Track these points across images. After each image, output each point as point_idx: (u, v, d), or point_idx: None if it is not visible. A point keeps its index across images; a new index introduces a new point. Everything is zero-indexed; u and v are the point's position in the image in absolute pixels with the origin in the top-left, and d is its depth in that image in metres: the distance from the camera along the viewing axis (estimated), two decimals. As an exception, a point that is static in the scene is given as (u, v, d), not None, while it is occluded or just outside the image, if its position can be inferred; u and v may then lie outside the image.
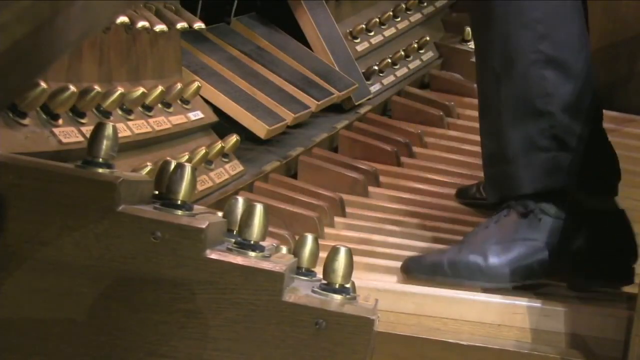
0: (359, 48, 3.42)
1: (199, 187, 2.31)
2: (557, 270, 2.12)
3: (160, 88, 2.24)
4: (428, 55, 3.70)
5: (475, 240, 2.14)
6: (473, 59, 3.63)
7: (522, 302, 2.04)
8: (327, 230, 2.48)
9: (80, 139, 1.93)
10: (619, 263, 2.14)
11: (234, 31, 2.99)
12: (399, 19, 3.67)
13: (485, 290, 2.08)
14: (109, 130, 1.41)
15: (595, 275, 2.13)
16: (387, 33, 3.58)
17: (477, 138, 3.10)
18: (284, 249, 1.60)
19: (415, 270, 2.14)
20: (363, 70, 3.34)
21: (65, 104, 1.90)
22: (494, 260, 2.09)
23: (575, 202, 2.11)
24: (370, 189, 2.78)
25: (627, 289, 2.22)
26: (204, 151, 2.32)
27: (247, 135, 2.65)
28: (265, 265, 1.37)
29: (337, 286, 1.42)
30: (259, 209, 1.43)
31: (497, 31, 2.17)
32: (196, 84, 2.44)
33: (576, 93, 2.14)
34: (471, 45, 3.68)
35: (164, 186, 1.45)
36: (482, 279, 2.09)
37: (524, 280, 2.10)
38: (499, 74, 2.17)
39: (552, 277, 2.15)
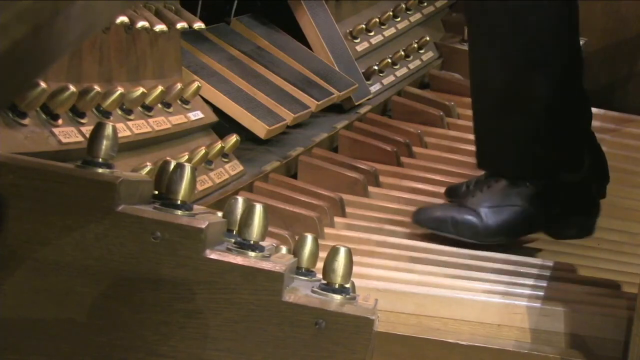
0: (359, 48, 3.42)
1: (199, 187, 2.31)
2: (536, 230, 2.53)
3: (160, 88, 2.24)
4: (428, 55, 3.70)
5: (472, 203, 2.50)
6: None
7: (522, 302, 2.04)
8: (327, 230, 2.48)
9: (80, 139, 1.93)
10: (585, 221, 2.57)
11: (234, 31, 2.99)
12: (399, 19, 3.67)
13: (478, 246, 2.42)
14: (108, 130, 1.41)
15: (567, 231, 2.56)
16: (387, 33, 3.58)
17: (477, 138, 3.12)
18: (284, 249, 1.60)
19: (423, 221, 2.51)
20: (363, 70, 3.34)
21: (65, 104, 1.90)
22: (487, 221, 2.46)
23: (553, 177, 2.50)
24: (370, 189, 2.78)
25: (627, 289, 2.22)
26: (203, 151, 2.32)
27: (247, 135, 2.65)
28: (265, 265, 1.37)
29: (336, 286, 1.42)
30: (258, 209, 1.43)
31: (491, 33, 2.46)
32: (196, 84, 2.44)
33: (561, 96, 2.45)
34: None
35: (164, 186, 1.45)
36: (477, 237, 2.46)
37: (510, 239, 2.50)
38: (492, 64, 2.47)
39: (532, 234, 2.56)
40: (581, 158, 2.54)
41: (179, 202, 1.40)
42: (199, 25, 2.48)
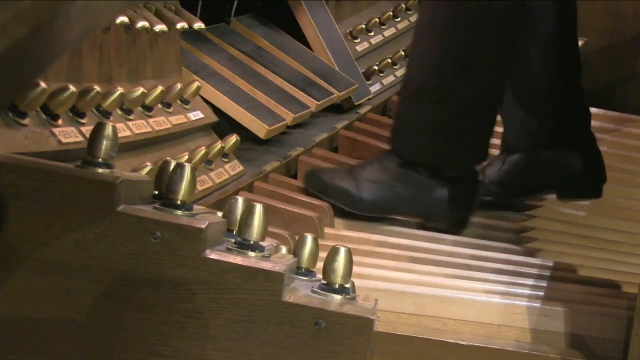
0: (359, 48, 3.42)
1: (199, 187, 2.31)
2: (410, 213, 2.59)
3: (160, 88, 2.24)
4: (428, 55, 3.70)
5: (358, 173, 2.59)
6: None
7: (522, 302, 2.04)
8: (327, 230, 2.48)
9: (80, 139, 1.93)
10: (458, 220, 2.62)
11: (234, 31, 2.99)
12: (399, 19, 3.67)
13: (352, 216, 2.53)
14: (108, 130, 1.41)
15: (441, 223, 2.59)
16: (387, 33, 3.58)
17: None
18: (284, 249, 1.60)
19: (310, 181, 2.60)
20: (363, 70, 3.34)
21: (65, 104, 1.90)
22: (364, 194, 2.55)
23: (437, 169, 2.56)
24: (370, 189, 2.78)
25: (627, 289, 2.22)
26: (204, 151, 2.32)
27: (247, 135, 2.64)
28: (265, 265, 1.37)
29: (336, 286, 1.42)
30: (258, 209, 1.43)
31: (430, 22, 2.54)
32: (196, 84, 2.44)
33: (477, 94, 2.52)
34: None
35: (163, 186, 1.45)
36: (350, 206, 2.55)
37: (382, 215, 2.57)
38: (421, 54, 2.56)
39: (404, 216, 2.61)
40: (474, 159, 2.61)
41: (179, 202, 1.40)
42: (199, 25, 2.48)
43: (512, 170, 2.79)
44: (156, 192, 1.50)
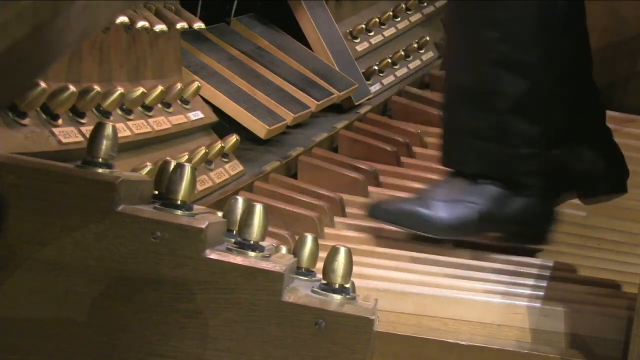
0: (359, 48, 3.42)
1: (199, 187, 2.31)
2: (488, 231, 2.47)
3: (160, 88, 2.24)
4: (428, 55, 3.70)
5: (429, 197, 2.45)
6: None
7: (522, 302, 2.04)
8: (327, 230, 2.48)
9: (80, 139, 1.93)
10: (538, 231, 2.51)
11: (234, 31, 2.99)
12: (399, 19, 3.67)
13: (428, 240, 2.40)
14: (108, 130, 1.41)
15: (521, 238, 2.50)
16: (387, 33, 3.58)
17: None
18: (284, 249, 1.60)
19: (376, 212, 2.46)
20: (363, 70, 3.34)
21: (65, 104, 1.90)
22: (441, 215, 2.40)
23: (510, 178, 2.44)
24: (370, 189, 2.78)
25: (627, 289, 2.22)
26: (203, 151, 2.32)
27: (247, 135, 2.64)
28: (265, 265, 1.37)
29: (336, 286, 1.42)
30: (258, 209, 1.43)
31: (465, 24, 2.44)
32: (196, 84, 2.44)
33: (529, 95, 2.40)
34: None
35: (163, 186, 1.45)
36: (429, 230, 2.40)
37: (461, 236, 2.44)
38: (462, 59, 2.45)
39: (485, 234, 2.50)
40: (544, 165, 2.48)
41: (179, 202, 1.40)
42: (199, 25, 2.48)
43: None
44: (156, 192, 1.50)
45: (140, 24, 2.22)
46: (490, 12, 2.38)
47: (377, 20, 3.52)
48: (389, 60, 3.45)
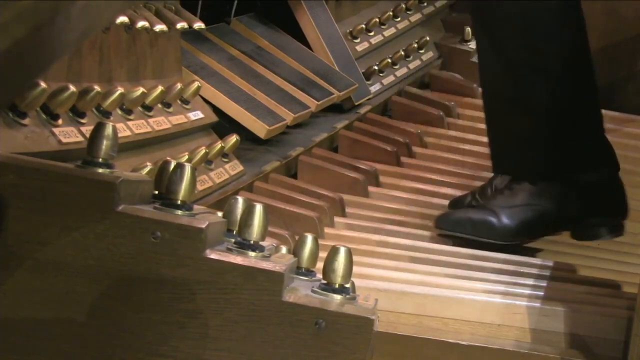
0: (359, 48, 3.42)
1: (199, 187, 2.31)
2: (557, 230, 2.54)
3: (160, 88, 2.24)
4: (428, 55, 3.70)
5: (491, 203, 2.52)
6: (473, 59, 3.65)
7: (522, 302, 2.04)
8: (327, 230, 2.48)
9: (80, 139, 1.93)
10: (608, 222, 2.55)
11: (234, 31, 2.99)
12: (399, 19, 3.67)
13: (496, 247, 2.43)
14: (108, 130, 1.41)
15: (592, 231, 2.54)
16: (387, 33, 3.58)
17: (477, 138, 3.12)
18: (284, 249, 1.60)
19: (441, 224, 2.51)
20: (363, 70, 3.33)
21: (65, 104, 1.90)
22: (505, 221, 2.47)
23: (572, 177, 2.50)
24: (370, 189, 2.78)
25: (627, 289, 2.22)
26: (204, 151, 2.32)
27: (247, 135, 2.64)
28: (265, 265, 1.37)
29: (336, 286, 1.42)
30: (258, 209, 1.43)
31: (490, 35, 2.49)
32: (196, 84, 2.44)
33: (559, 97, 2.46)
34: (471, 45, 3.68)
35: (163, 186, 1.45)
36: (496, 237, 2.47)
37: (528, 238, 2.51)
38: (497, 70, 2.50)
39: (551, 234, 2.56)
40: (595, 157, 2.54)
41: (179, 202, 1.40)
42: (199, 25, 2.48)
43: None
44: (156, 192, 1.50)
45: (140, 24, 2.22)
46: (514, 22, 2.43)
47: (377, 20, 3.52)
48: (389, 60, 3.45)
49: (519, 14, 2.42)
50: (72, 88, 1.89)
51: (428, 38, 3.70)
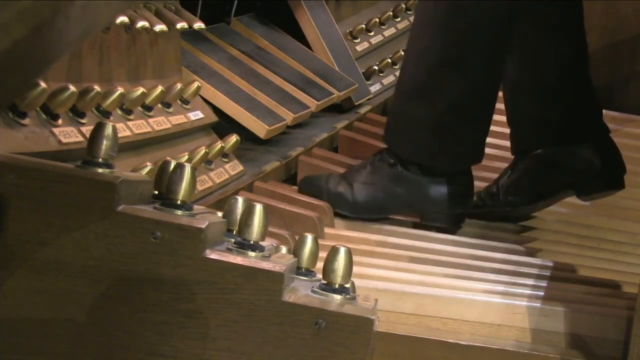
0: (359, 48, 3.42)
1: (199, 187, 2.31)
2: (406, 212, 2.60)
3: (160, 88, 2.24)
4: (428, 55, 3.70)
5: (351, 176, 2.60)
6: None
7: (522, 302, 2.04)
8: (327, 230, 2.48)
9: (80, 139, 1.93)
10: (453, 217, 2.61)
11: (234, 31, 2.99)
12: (399, 19, 3.67)
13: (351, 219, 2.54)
14: (108, 130, 1.41)
15: (436, 221, 2.60)
16: (387, 33, 3.59)
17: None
18: (284, 249, 1.60)
19: (305, 186, 2.61)
20: (363, 70, 3.34)
21: (65, 104, 1.90)
22: (359, 197, 2.56)
23: (429, 167, 2.57)
24: (370, 189, 2.78)
25: (627, 289, 2.22)
26: (204, 151, 2.32)
27: (247, 135, 2.65)
28: (265, 265, 1.37)
29: (336, 286, 1.42)
30: (258, 209, 1.43)
31: (425, 21, 2.54)
32: (196, 84, 2.44)
33: (468, 93, 2.52)
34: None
35: (163, 186, 1.45)
36: (346, 209, 2.57)
37: (376, 217, 2.58)
38: (417, 53, 2.55)
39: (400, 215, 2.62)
40: (470, 157, 2.60)
41: (179, 202, 1.40)
42: (199, 25, 2.48)
43: (526, 175, 2.68)
44: (156, 192, 1.50)
45: (140, 24, 2.22)
46: (448, 17, 2.48)
47: (377, 20, 3.52)
48: (389, 60, 3.45)
49: (456, 11, 2.47)
50: (72, 88, 1.89)
51: (428, 38, 3.69)
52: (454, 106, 2.52)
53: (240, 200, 1.53)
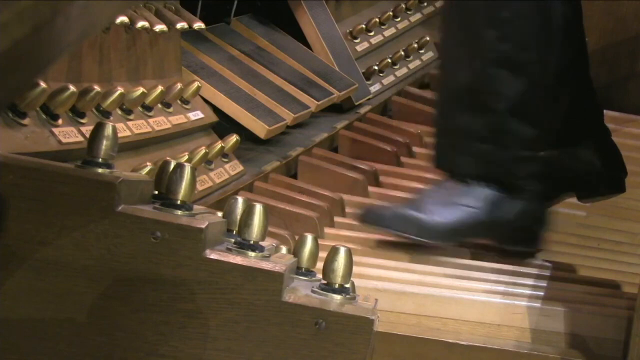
0: (359, 48, 3.42)
1: (199, 187, 2.31)
2: (485, 235, 2.42)
3: (160, 88, 2.24)
4: (428, 55, 3.70)
5: (421, 199, 2.40)
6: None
7: (522, 302, 2.04)
8: (327, 230, 2.48)
9: (80, 139, 1.93)
10: (534, 235, 2.46)
11: (234, 31, 2.99)
12: (399, 19, 3.67)
13: (421, 245, 2.34)
14: (108, 130, 1.41)
15: (517, 241, 2.44)
16: (387, 33, 3.58)
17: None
18: (284, 249, 1.60)
19: (369, 219, 2.40)
20: (363, 70, 3.34)
21: (65, 104, 1.90)
22: (435, 218, 2.33)
23: (510, 182, 2.39)
24: (370, 189, 2.78)
25: (627, 289, 2.22)
26: (203, 151, 2.32)
27: (247, 135, 2.65)
28: (265, 265, 1.37)
29: (336, 286, 1.42)
30: (258, 209, 1.43)
31: (464, 23, 2.38)
32: (196, 84, 2.44)
33: (526, 95, 2.36)
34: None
35: (163, 186, 1.45)
36: (423, 235, 2.33)
37: (456, 241, 2.37)
38: (459, 58, 2.39)
39: (478, 240, 2.43)
40: (548, 164, 2.44)
41: (179, 202, 1.40)
42: (199, 25, 2.48)
43: None
44: (156, 192, 1.50)
45: (140, 24, 2.22)
46: (490, 11, 2.34)
47: (377, 20, 3.52)
48: (389, 60, 3.45)
49: (497, 6, 2.33)
50: (72, 88, 1.89)
51: (428, 38, 3.70)
52: (514, 107, 2.36)
53: (240, 200, 1.53)
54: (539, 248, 2.45)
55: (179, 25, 2.39)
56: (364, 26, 3.46)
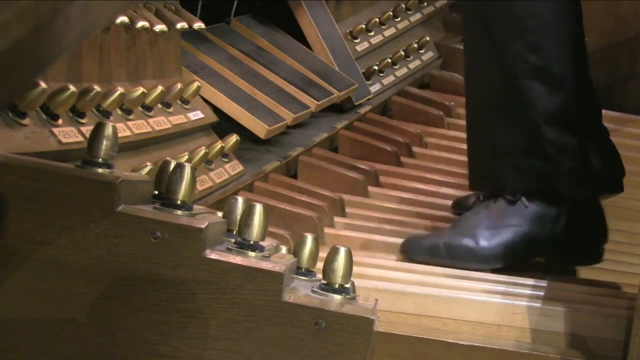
0: (359, 48, 3.42)
1: (199, 187, 2.31)
2: (538, 253, 2.35)
3: (160, 88, 2.24)
4: (428, 55, 3.70)
5: (468, 225, 2.33)
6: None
7: (522, 302, 2.04)
8: (327, 230, 2.48)
9: (80, 139, 1.93)
10: (591, 246, 2.40)
11: (234, 31, 2.99)
12: (399, 19, 3.67)
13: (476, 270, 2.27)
14: (108, 130, 1.41)
15: (571, 256, 2.39)
16: (387, 33, 3.58)
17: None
18: (284, 249, 1.60)
19: (413, 251, 2.33)
20: (363, 70, 3.34)
21: (65, 104, 1.90)
22: (484, 243, 2.29)
23: (556, 194, 2.32)
24: (370, 189, 2.78)
25: (627, 289, 2.22)
26: (203, 151, 2.32)
27: (247, 135, 2.65)
28: (265, 265, 1.37)
29: (336, 286, 1.42)
30: (258, 209, 1.43)
31: (490, 37, 2.31)
32: (196, 84, 2.44)
33: (562, 105, 2.30)
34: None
35: (163, 186, 1.45)
36: (474, 260, 2.29)
37: (510, 262, 2.30)
38: (490, 77, 2.34)
39: (534, 258, 2.38)
40: (587, 171, 2.37)
41: (179, 202, 1.40)
42: (199, 25, 2.48)
43: None
44: (156, 192, 1.50)
45: (140, 24, 2.22)
46: (519, 22, 2.27)
47: (377, 20, 3.52)
48: (389, 60, 3.45)
49: (521, 17, 2.27)
50: (72, 88, 1.89)
51: (428, 38, 3.70)
52: (553, 118, 2.29)
53: (240, 200, 1.53)
54: (596, 261, 2.38)
55: (179, 25, 2.39)
56: (364, 26, 3.46)
